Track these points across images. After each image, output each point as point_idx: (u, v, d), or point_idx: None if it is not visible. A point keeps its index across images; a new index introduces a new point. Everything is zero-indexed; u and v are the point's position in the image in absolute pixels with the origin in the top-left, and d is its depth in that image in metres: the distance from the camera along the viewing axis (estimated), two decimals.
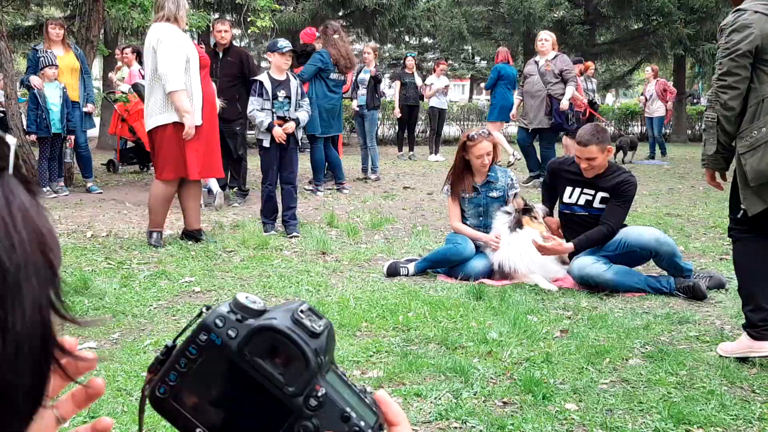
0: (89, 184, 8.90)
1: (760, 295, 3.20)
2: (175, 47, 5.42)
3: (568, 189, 4.84)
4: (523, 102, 9.82)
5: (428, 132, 15.55)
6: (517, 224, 4.82)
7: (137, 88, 10.07)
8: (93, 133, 11.32)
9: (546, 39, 9.51)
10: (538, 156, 9.90)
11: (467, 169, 5.09)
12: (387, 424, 0.59)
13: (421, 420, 2.60)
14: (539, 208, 4.89)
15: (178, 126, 5.48)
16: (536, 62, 9.56)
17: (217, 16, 14.77)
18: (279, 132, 6.07)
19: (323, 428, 0.54)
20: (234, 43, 8.66)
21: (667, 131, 17.60)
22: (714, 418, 2.62)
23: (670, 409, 2.67)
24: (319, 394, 0.54)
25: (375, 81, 10.49)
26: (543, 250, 4.65)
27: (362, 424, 0.55)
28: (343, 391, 0.56)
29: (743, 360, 3.23)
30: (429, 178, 10.80)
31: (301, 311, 0.55)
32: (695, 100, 26.20)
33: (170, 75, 5.37)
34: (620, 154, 13.88)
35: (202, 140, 5.68)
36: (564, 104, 9.22)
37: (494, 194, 5.06)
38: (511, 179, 5.13)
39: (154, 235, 5.64)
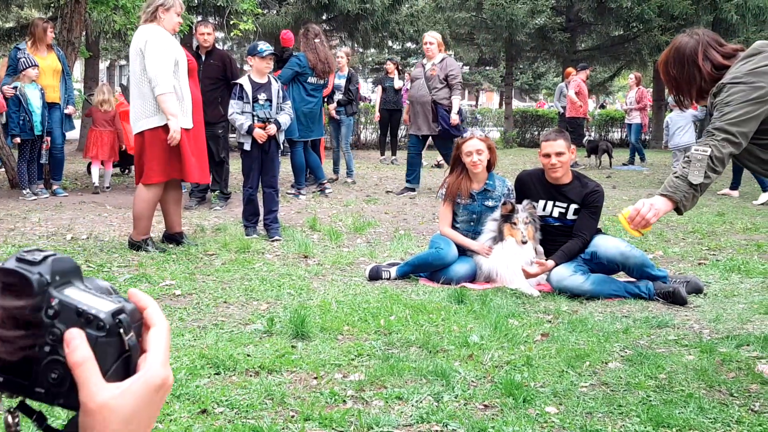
0: (55, 187, 8.83)
1: None
2: (163, 49, 5.39)
3: (541, 202, 4.89)
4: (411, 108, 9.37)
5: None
6: (500, 234, 4.83)
7: (123, 90, 10.02)
8: (74, 135, 11.24)
9: (431, 42, 8.94)
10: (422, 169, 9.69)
11: (466, 174, 5.10)
12: (145, 322, 0.72)
13: (402, 423, 2.60)
14: (524, 206, 4.84)
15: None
16: (423, 65, 9.12)
17: (199, 18, 14.71)
18: (260, 132, 6.06)
19: (66, 327, 0.65)
20: (217, 45, 8.64)
21: (647, 138, 17.77)
22: (693, 421, 2.64)
23: (649, 412, 2.69)
24: (53, 303, 0.65)
25: (348, 83, 10.53)
26: (528, 275, 4.68)
27: (94, 311, 0.65)
28: (82, 296, 0.67)
29: (722, 363, 3.27)
30: None
31: (26, 251, 0.67)
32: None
33: (159, 77, 5.33)
34: (604, 157, 14.07)
35: (197, 143, 5.66)
36: (453, 119, 8.84)
37: (489, 203, 5.06)
38: (508, 189, 5.13)
39: (150, 242, 5.59)
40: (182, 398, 2.75)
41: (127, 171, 11.09)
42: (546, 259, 4.69)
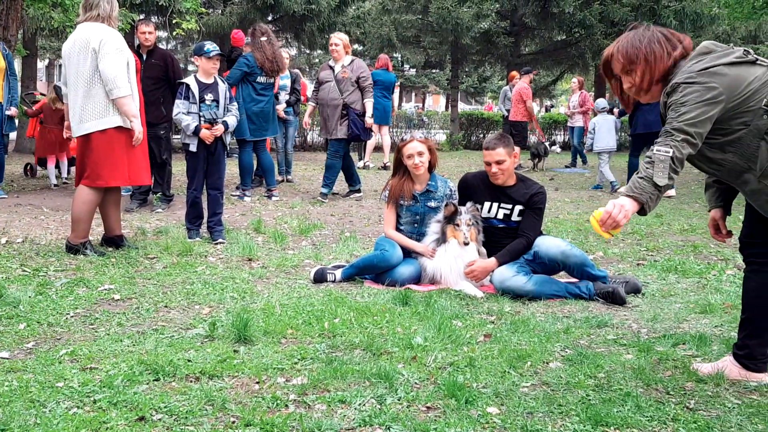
0: None
1: None
2: (119, 51, 5.29)
3: (486, 204, 4.94)
4: (321, 111, 9.03)
5: None
6: (443, 236, 4.86)
7: (57, 91, 9.79)
8: (10, 135, 10.94)
9: (336, 43, 8.73)
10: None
11: (408, 176, 5.11)
12: None
13: (345, 427, 2.59)
14: (467, 207, 4.87)
15: (119, 130, 5.34)
16: (331, 68, 8.85)
17: (141, 17, 14.45)
18: (207, 134, 5.99)
19: None
20: (159, 45, 8.50)
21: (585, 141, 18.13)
22: (630, 419, 2.69)
23: (588, 411, 2.73)
24: None
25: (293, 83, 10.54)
26: (472, 275, 4.73)
27: None
28: None
29: (659, 362, 3.35)
30: None
31: None
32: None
33: (118, 80, 5.24)
34: (536, 159, 14.36)
35: (143, 145, 5.55)
36: (368, 122, 8.74)
37: (432, 204, 5.08)
38: (451, 190, 5.15)
39: (89, 246, 5.45)
40: (119, 405, 2.69)
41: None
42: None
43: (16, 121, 9.51)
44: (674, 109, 2.78)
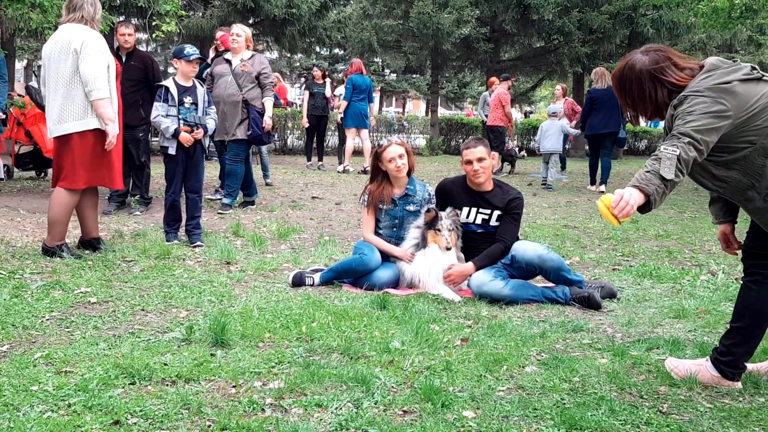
0: None
1: (759, 341, 3.19)
2: (100, 53, 5.26)
3: (465, 209, 4.98)
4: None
5: (337, 142, 15.68)
6: (424, 241, 4.88)
7: (29, 91, 9.70)
8: None
9: (239, 34, 8.07)
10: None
11: (387, 180, 5.13)
12: None
13: (321, 431, 2.59)
14: (447, 213, 4.91)
15: (98, 133, 5.31)
16: (228, 61, 8.10)
17: (121, 18, 14.36)
18: (186, 137, 5.98)
19: None
20: (138, 47, 8.45)
21: (567, 147, 18.24)
22: (604, 423, 2.72)
23: (562, 414, 2.76)
24: None
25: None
26: (449, 279, 4.77)
27: None
28: None
29: (633, 366, 3.39)
30: (337, 188, 10.82)
31: None
32: None
33: (98, 81, 5.21)
34: (509, 163, 14.53)
35: (116, 147, 5.53)
36: (267, 123, 8.02)
37: (411, 207, 5.10)
38: (429, 194, 5.18)
39: (65, 248, 5.41)
40: (94, 409, 2.67)
41: (43, 174, 10.73)
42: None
43: None
44: (681, 117, 2.79)
